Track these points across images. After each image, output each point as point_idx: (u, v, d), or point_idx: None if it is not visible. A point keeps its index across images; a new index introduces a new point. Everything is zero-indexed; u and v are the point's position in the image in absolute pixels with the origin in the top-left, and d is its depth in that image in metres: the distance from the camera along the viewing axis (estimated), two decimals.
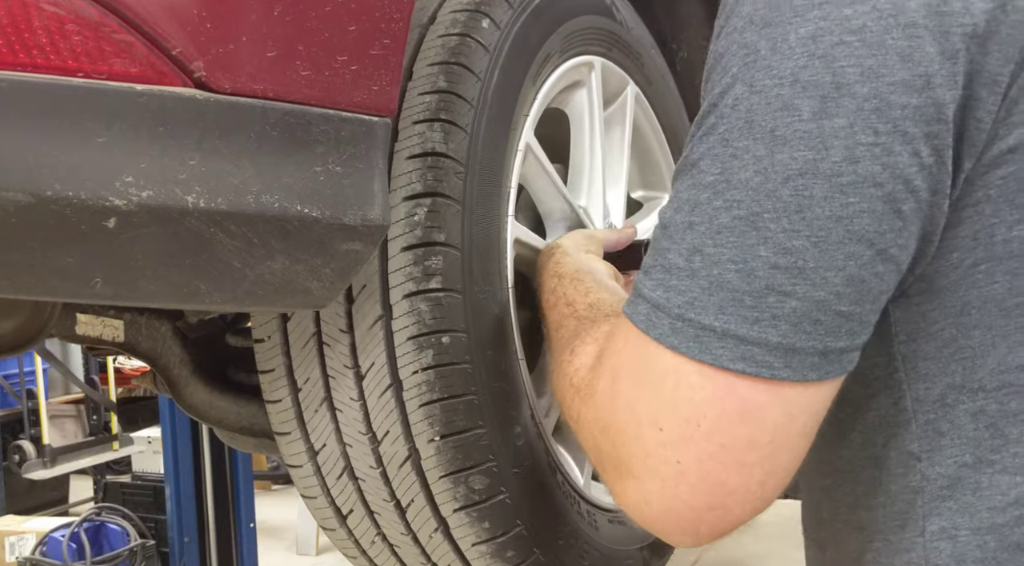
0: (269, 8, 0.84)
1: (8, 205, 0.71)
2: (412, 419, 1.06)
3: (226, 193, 0.81)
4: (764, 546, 3.81)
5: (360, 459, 1.12)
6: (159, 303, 0.88)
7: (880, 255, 0.59)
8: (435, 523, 1.12)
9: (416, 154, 1.05)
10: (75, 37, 0.74)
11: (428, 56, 1.10)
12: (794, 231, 0.58)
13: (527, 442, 1.16)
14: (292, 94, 0.86)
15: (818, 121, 0.57)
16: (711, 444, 0.61)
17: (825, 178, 0.57)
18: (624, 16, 1.52)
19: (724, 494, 0.62)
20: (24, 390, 3.92)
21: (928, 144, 0.58)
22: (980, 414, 0.64)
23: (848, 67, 0.57)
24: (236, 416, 1.39)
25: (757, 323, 0.59)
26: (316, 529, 3.96)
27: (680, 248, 0.62)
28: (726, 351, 0.60)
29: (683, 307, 0.61)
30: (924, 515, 0.66)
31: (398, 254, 1.04)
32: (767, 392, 0.60)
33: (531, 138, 1.23)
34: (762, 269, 0.59)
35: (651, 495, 0.64)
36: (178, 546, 2.93)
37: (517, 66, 1.18)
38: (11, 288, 0.79)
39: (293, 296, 0.91)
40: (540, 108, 1.26)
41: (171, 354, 1.40)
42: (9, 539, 3.36)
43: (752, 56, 0.60)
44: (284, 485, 5.01)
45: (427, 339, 1.04)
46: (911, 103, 0.57)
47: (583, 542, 1.26)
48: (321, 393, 1.11)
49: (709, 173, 0.61)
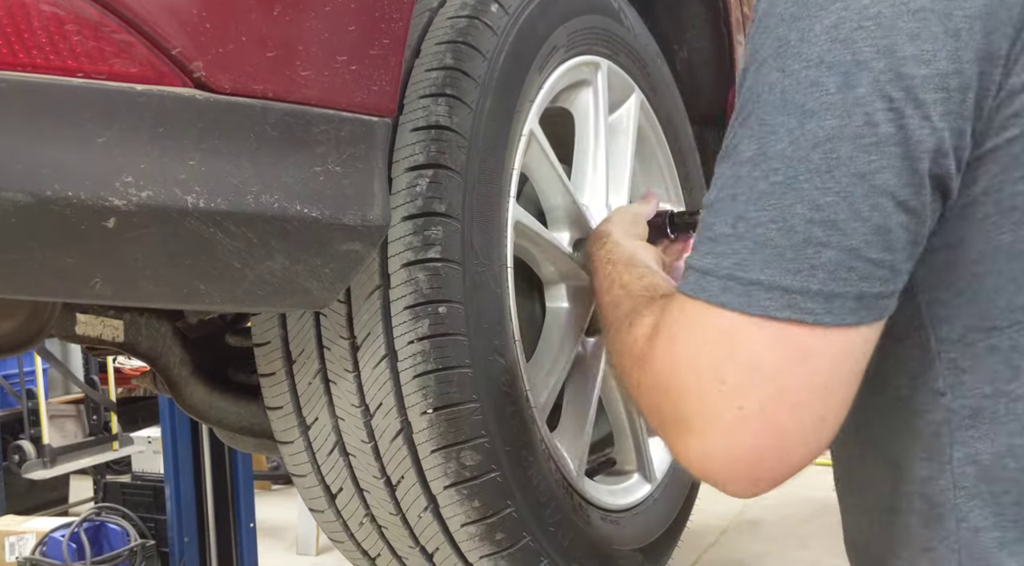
0: (269, 8, 0.84)
1: (8, 205, 0.71)
2: (406, 390, 1.05)
3: (226, 193, 0.81)
4: (764, 546, 3.81)
5: (352, 433, 1.11)
6: (159, 303, 0.88)
7: (901, 206, 0.66)
8: (425, 501, 1.11)
9: (420, 127, 1.05)
10: (75, 37, 0.74)
11: (437, 36, 1.10)
12: (825, 188, 0.66)
13: (521, 422, 1.15)
14: (292, 94, 0.86)
15: (842, 93, 0.66)
16: (772, 388, 0.67)
17: (849, 141, 0.65)
18: (632, 24, 1.53)
19: (784, 436, 0.68)
20: (24, 390, 3.91)
21: (936, 109, 0.65)
22: (995, 350, 0.72)
23: (866, 47, 0.66)
24: (236, 416, 1.39)
25: (799, 274, 0.66)
26: (316, 529, 3.96)
27: (725, 219, 0.70)
28: (773, 302, 0.67)
29: (731, 268, 0.69)
30: (950, 444, 0.74)
31: (398, 223, 1.03)
32: (817, 337, 0.67)
33: (535, 126, 1.23)
34: (800, 224, 0.66)
35: (713, 446, 0.70)
36: (178, 546, 2.93)
37: (523, 51, 1.19)
38: (11, 288, 0.79)
39: (293, 296, 0.91)
40: (545, 99, 1.27)
41: (171, 354, 1.40)
42: (9, 539, 3.36)
43: (784, 47, 0.69)
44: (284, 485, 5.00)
45: (424, 309, 1.03)
46: (919, 74, 0.65)
47: (573, 533, 1.25)
48: (316, 365, 1.11)
49: (748, 150, 0.70)
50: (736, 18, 1.84)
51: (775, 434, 0.68)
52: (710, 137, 1.90)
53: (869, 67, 0.65)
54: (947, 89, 0.65)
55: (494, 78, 1.12)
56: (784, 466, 0.70)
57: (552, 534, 1.19)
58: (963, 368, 0.73)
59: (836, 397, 0.69)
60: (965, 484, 0.73)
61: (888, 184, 0.65)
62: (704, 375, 0.70)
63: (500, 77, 1.13)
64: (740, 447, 0.69)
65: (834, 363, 0.68)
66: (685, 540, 1.75)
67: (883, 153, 0.65)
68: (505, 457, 1.11)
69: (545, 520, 1.18)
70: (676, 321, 0.73)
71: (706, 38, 1.84)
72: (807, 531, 3.78)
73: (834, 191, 0.66)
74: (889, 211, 0.66)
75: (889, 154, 0.65)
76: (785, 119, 0.67)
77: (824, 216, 0.66)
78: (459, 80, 1.07)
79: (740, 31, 1.85)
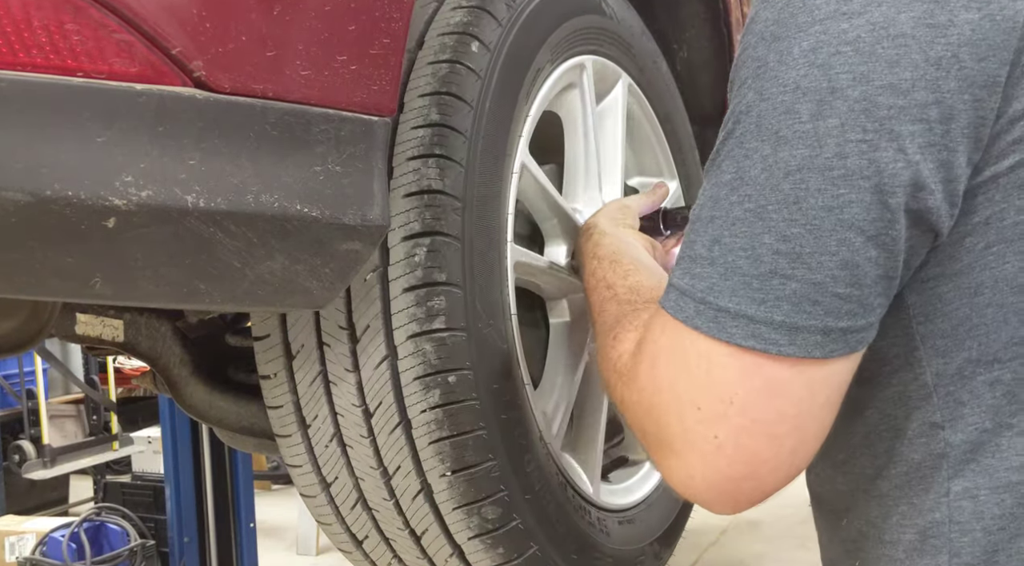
0: (269, 8, 0.84)
1: (8, 205, 0.71)
2: (423, 455, 1.07)
3: (226, 193, 0.81)
4: (764, 546, 3.81)
5: (373, 492, 1.13)
6: (159, 303, 0.88)
7: (871, 241, 0.64)
8: (450, 549, 1.13)
9: (413, 192, 1.03)
10: (75, 37, 0.73)
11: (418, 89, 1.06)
12: (792, 220, 0.65)
13: (537, 466, 1.16)
14: (292, 94, 0.86)
15: (814, 122, 0.64)
16: (744, 419, 0.67)
17: (819, 172, 0.64)
18: (613, 9, 1.47)
19: (758, 463, 0.69)
20: (24, 390, 3.92)
21: (913, 141, 0.63)
22: (997, 383, 0.70)
23: (842, 73, 0.64)
24: (236, 416, 1.39)
25: (763, 304, 0.66)
26: (316, 529, 3.96)
27: (703, 239, 0.69)
28: (739, 330, 0.66)
29: (704, 292, 0.68)
30: (949, 478, 0.72)
31: (400, 295, 1.03)
32: (784, 369, 0.66)
33: (526, 157, 1.20)
34: (767, 255, 0.65)
35: (694, 470, 0.70)
36: (178, 546, 2.93)
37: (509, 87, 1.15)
38: (11, 288, 0.79)
39: (293, 296, 0.91)
40: (533, 123, 1.23)
41: (171, 354, 1.40)
42: (9, 539, 3.36)
43: (762, 68, 0.67)
44: (284, 485, 5.00)
45: (433, 379, 1.04)
46: (896, 104, 0.63)
47: (595, 550, 1.27)
48: (331, 430, 1.12)
49: (727, 172, 0.69)
50: (736, 18, 1.83)
51: (750, 463, 0.68)
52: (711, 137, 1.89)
53: (844, 95, 0.63)
54: (927, 120, 0.63)
55: (482, 128, 1.08)
56: (760, 492, 0.70)
57: (576, 559, 1.22)
58: (962, 401, 0.71)
59: (813, 426, 0.69)
60: (960, 519, 0.71)
61: (856, 218, 0.63)
62: (683, 399, 0.70)
63: (488, 124, 1.09)
64: (717, 473, 0.69)
65: (809, 394, 0.67)
66: (685, 539, 1.75)
67: (852, 186, 0.63)
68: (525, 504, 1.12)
69: (568, 547, 1.20)
70: (657, 341, 0.73)
71: (706, 38, 1.84)
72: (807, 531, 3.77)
73: (801, 223, 0.64)
74: (857, 246, 0.64)
75: (858, 188, 0.63)
76: (759, 145, 0.66)
77: (790, 248, 0.65)
78: (447, 137, 1.04)
79: (740, 31, 1.84)
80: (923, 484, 0.74)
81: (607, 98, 1.51)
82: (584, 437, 1.38)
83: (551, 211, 1.31)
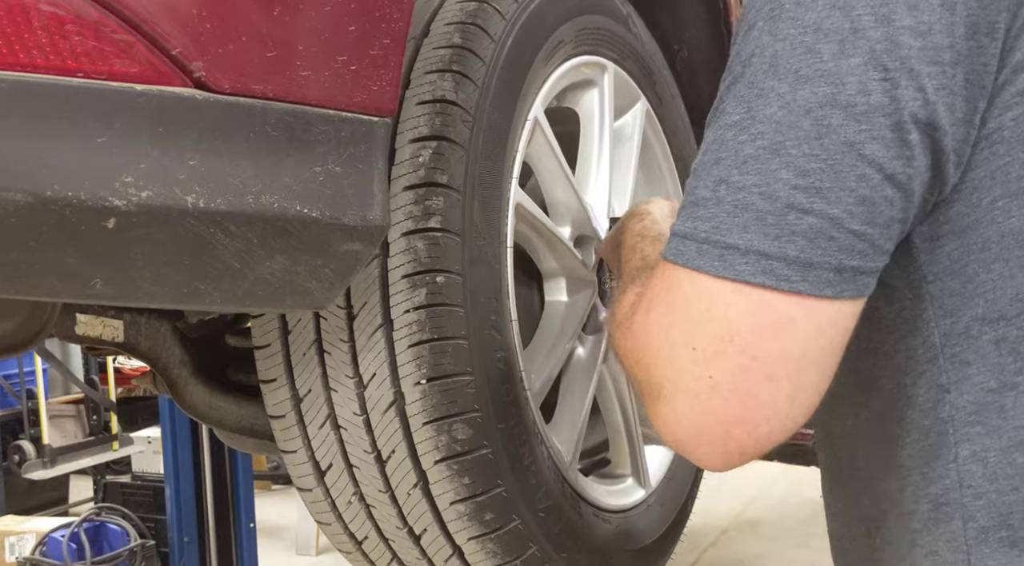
0: (269, 8, 0.84)
1: (8, 205, 0.71)
2: (400, 360, 1.05)
3: (225, 193, 0.81)
4: (764, 546, 3.81)
5: (344, 405, 1.11)
6: (159, 303, 0.88)
7: (888, 180, 0.65)
8: (415, 477, 1.10)
9: (426, 100, 1.05)
10: (75, 37, 0.73)
11: (446, 17, 1.12)
12: (813, 155, 0.65)
13: (513, 400, 1.14)
14: (292, 94, 0.86)
15: (836, 61, 0.65)
16: (744, 357, 0.66)
17: (842, 108, 0.65)
18: (639, 32, 1.54)
19: (754, 407, 0.67)
20: (24, 390, 3.92)
21: (931, 82, 0.65)
22: (1002, 341, 0.70)
23: (864, 15, 0.65)
24: (236, 416, 1.39)
25: (778, 239, 0.65)
26: (316, 529, 3.96)
27: (707, 182, 0.69)
28: (748, 266, 0.66)
29: (709, 231, 0.68)
30: (956, 442, 0.72)
31: (399, 193, 1.04)
32: (793, 306, 0.66)
33: (540, 114, 1.24)
34: (783, 190, 0.65)
35: (683, 414, 0.69)
36: (178, 546, 2.93)
37: (531, 39, 1.20)
38: (11, 288, 0.79)
39: (293, 296, 0.91)
40: (551, 91, 1.27)
41: (171, 354, 1.40)
42: (9, 539, 3.36)
43: (778, 10, 0.68)
44: (284, 485, 5.00)
45: (422, 278, 1.03)
46: (915, 45, 0.64)
47: (563, 521, 1.24)
48: (311, 336, 1.11)
49: (735, 114, 0.69)
50: (736, 18, 1.84)
51: (744, 405, 0.67)
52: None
53: (866, 35, 0.64)
54: (940, 63, 0.65)
55: (501, 59, 1.13)
56: (753, 441, 0.68)
57: (542, 519, 1.18)
58: (968, 361, 0.71)
59: (810, 374, 0.68)
60: (972, 483, 0.72)
61: (876, 154, 0.65)
62: (676, 340, 0.69)
63: (507, 59, 1.14)
64: (709, 416, 0.68)
65: (808, 336, 0.66)
66: (685, 540, 1.75)
67: (874, 123, 0.64)
68: (497, 434, 1.10)
69: (535, 504, 1.18)
70: (654, 286, 0.73)
71: (706, 38, 1.85)
72: (807, 531, 3.79)
73: (821, 158, 0.65)
74: (875, 183, 0.65)
75: (880, 125, 0.64)
76: (776, 84, 0.67)
77: (809, 183, 0.65)
78: (466, 58, 1.09)
79: None
80: (932, 452, 0.74)
81: (625, 116, 1.55)
82: (565, 420, 1.37)
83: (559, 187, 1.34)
